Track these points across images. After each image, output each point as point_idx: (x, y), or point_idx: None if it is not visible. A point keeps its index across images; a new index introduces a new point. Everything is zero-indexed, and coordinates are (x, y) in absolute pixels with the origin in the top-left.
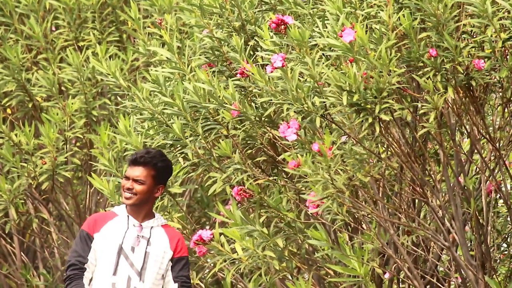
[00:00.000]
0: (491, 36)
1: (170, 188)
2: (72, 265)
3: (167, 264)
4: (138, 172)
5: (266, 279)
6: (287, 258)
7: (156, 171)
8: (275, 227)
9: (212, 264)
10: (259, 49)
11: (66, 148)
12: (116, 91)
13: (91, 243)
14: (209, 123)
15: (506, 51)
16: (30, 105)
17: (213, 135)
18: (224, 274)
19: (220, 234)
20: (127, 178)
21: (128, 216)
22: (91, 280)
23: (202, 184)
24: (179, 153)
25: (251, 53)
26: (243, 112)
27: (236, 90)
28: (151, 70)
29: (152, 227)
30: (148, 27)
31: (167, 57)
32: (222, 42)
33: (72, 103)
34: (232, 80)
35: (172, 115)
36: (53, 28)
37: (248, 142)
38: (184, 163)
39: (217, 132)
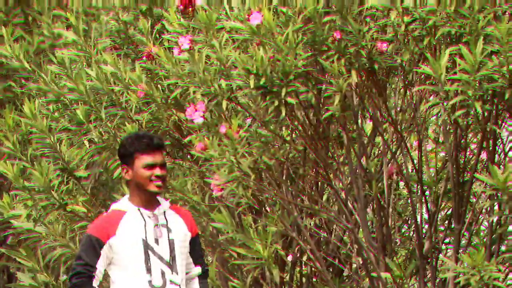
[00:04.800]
0: (394, 19)
1: (75, 171)
2: (78, 274)
3: (188, 247)
4: (162, 157)
5: None
6: None
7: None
8: None
9: None
10: (165, 32)
11: None
12: (21, 73)
13: (101, 249)
14: (111, 108)
15: (408, 34)
16: None
17: (117, 119)
18: None
19: None
20: (152, 166)
21: (138, 209)
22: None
23: (108, 167)
24: (84, 137)
25: (158, 36)
26: (149, 94)
27: (143, 73)
28: (57, 52)
29: (164, 212)
30: (54, 9)
31: (73, 40)
32: (129, 25)
33: None
34: (139, 63)
35: (77, 100)
36: None
37: (154, 125)
38: (89, 147)
39: (122, 116)
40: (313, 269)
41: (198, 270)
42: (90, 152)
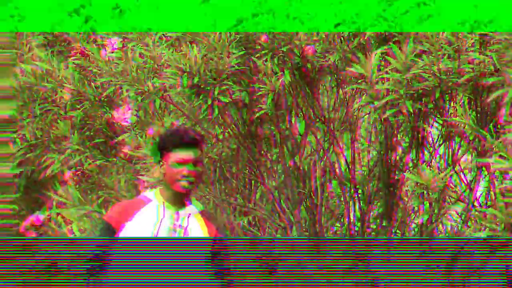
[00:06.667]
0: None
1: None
2: None
3: None
4: (197, 153)
5: None
6: None
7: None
8: None
9: None
10: (98, 29)
11: None
12: None
13: (113, 235)
14: (47, 104)
15: (337, 36)
16: None
17: (51, 115)
18: None
19: (57, 214)
20: (184, 162)
21: (164, 202)
22: None
23: (40, 164)
24: (16, 134)
25: (91, 34)
26: (81, 91)
27: (76, 70)
28: None
29: (190, 215)
30: None
31: None
32: (61, 22)
33: None
34: (72, 60)
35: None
36: None
37: (87, 122)
38: (21, 144)
39: (55, 113)
40: None
41: None
42: (22, 149)
